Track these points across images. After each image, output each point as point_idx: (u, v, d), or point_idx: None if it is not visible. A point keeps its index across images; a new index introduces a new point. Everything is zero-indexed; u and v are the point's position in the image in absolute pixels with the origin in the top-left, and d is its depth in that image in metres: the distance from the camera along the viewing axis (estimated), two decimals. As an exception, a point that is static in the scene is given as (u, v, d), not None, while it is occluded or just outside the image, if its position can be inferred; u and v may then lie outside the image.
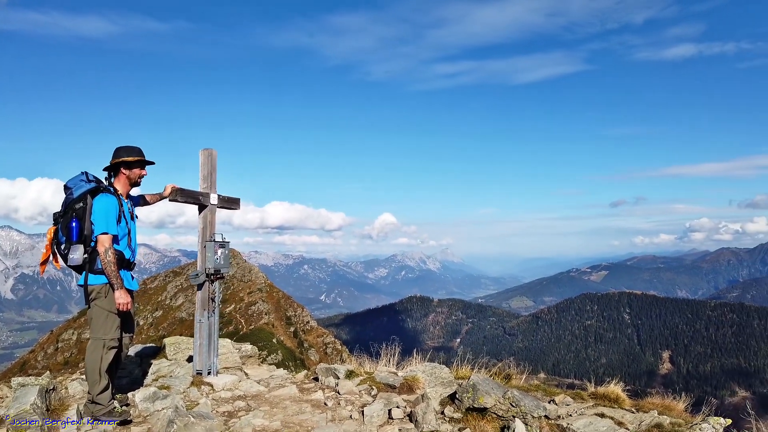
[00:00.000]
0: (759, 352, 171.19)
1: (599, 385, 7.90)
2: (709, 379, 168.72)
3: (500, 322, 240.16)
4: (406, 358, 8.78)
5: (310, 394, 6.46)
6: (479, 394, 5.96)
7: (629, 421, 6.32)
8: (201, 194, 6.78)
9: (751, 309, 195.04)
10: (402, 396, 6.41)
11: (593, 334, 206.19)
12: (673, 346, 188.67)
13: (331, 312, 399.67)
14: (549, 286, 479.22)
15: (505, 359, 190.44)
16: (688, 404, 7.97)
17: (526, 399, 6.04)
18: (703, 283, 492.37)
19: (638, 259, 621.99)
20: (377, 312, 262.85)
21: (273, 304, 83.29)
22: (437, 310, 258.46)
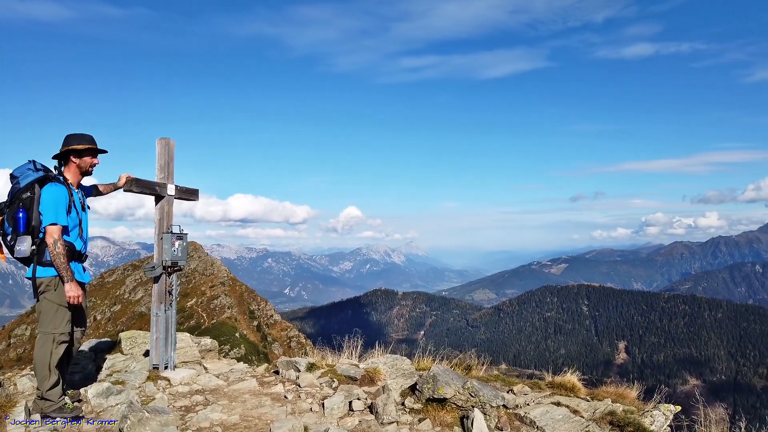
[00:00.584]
0: (709, 342, 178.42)
1: (556, 375, 8.11)
2: (662, 368, 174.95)
3: (463, 315, 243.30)
4: (369, 350, 8.81)
5: (270, 387, 6.40)
6: (439, 385, 6.01)
7: (584, 409, 6.50)
8: (157, 185, 6.60)
9: (702, 300, 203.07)
10: (363, 388, 6.41)
11: (553, 325, 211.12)
12: (629, 337, 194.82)
13: (296, 305, 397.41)
14: (511, 278, 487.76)
15: (467, 351, 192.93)
16: (640, 392, 8.26)
17: (485, 389, 6.13)
18: (657, 275, 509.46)
19: (596, 252, 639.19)
20: (342, 305, 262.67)
21: (236, 298, 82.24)
22: (402, 302, 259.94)
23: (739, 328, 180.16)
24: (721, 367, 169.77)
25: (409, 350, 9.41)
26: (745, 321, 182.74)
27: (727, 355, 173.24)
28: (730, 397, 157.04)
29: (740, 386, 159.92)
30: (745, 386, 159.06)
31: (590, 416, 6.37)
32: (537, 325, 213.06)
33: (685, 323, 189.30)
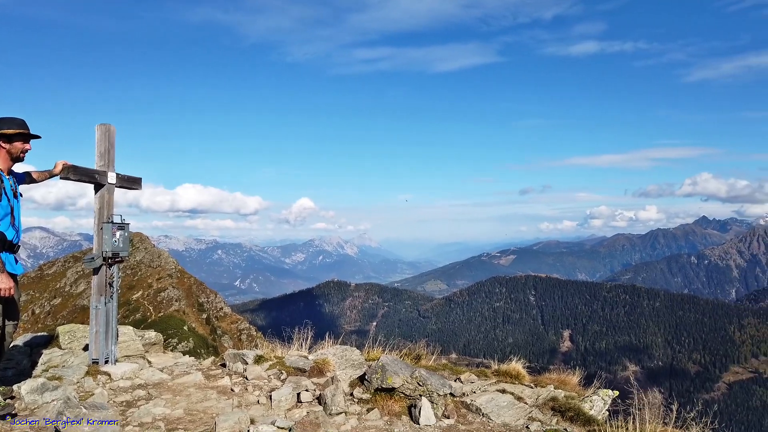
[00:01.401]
0: (647, 330, 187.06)
1: (502, 363, 8.32)
2: (604, 356, 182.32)
3: (415, 305, 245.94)
4: (319, 342, 8.79)
5: (216, 380, 6.29)
6: (388, 375, 6.06)
7: (528, 396, 6.70)
8: (97, 172, 6.34)
9: (642, 290, 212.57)
10: (312, 379, 6.39)
11: (501, 315, 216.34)
12: (573, 326, 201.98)
13: (247, 298, 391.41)
14: (462, 270, 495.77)
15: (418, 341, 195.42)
16: (581, 379, 8.58)
17: (433, 378, 6.22)
18: (600, 266, 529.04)
19: (543, 244, 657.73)
20: (294, 297, 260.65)
21: (184, 291, 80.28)
22: (354, 294, 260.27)
23: (675, 316, 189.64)
24: (659, 354, 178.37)
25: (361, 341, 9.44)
26: (680, 310, 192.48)
27: (664, 342, 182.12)
28: (667, 382, 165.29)
29: (676, 371, 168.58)
30: (680, 371, 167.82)
31: (533, 402, 6.57)
32: (486, 315, 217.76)
33: (626, 312, 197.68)
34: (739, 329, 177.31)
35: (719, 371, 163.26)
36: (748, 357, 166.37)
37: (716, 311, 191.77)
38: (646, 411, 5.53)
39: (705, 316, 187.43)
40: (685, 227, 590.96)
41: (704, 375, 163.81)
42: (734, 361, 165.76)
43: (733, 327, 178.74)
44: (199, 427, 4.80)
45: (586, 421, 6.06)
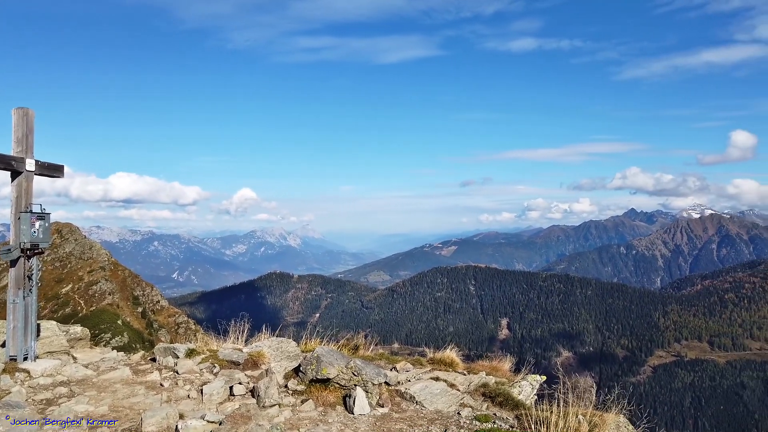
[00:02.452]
0: (580, 317, 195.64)
1: (437, 352, 8.51)
2: (539, 342, 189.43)
3: (358, 296, 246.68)
4: (257, 334, 8.69)
5: (145, 375, 6.10)
6: (323, 366, 6.07)
7: (460, 383, 6.89)
8: (14, 159, 5.98)
9: (575, 279, 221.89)
10: (246, 372, 6.32)
11: (443, 304, 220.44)
12: (511, 314, 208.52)
13: (185, 290, 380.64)
14: (405, 260, 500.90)
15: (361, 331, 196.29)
16: (513, 365, 8.90)
17: (368, 368, 6.29)
18: (537, 256, 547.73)
19: (483, 235, 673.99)
20: (235, 289, 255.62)
21: (118, 284, 77.32)
22: (297, 286, 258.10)
23: (605, 304, 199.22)
24: (590, 340, 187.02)
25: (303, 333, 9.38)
26: (610, 297, 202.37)
27: (595, 328, 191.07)
28: (597, 366, 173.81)
29: (606, 356, 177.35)
30: (610, 356, 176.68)
31: (465, 389, 6.77)
32: (428, 305, 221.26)
33: (560, 300, 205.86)
34: (663, 316, 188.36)
35: (645, 355, 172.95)
36: (672, 341, 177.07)
37: (643, 299, 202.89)
38: (570, 395, 5.80)
39: (632, 304, 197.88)
40: (615, 219, 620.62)
41: (631, 359, 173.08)
42: (659, 346, 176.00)
43: (657, 314, 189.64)
44: (124, 423, 4.66)
45: (515, 406, 6.30)
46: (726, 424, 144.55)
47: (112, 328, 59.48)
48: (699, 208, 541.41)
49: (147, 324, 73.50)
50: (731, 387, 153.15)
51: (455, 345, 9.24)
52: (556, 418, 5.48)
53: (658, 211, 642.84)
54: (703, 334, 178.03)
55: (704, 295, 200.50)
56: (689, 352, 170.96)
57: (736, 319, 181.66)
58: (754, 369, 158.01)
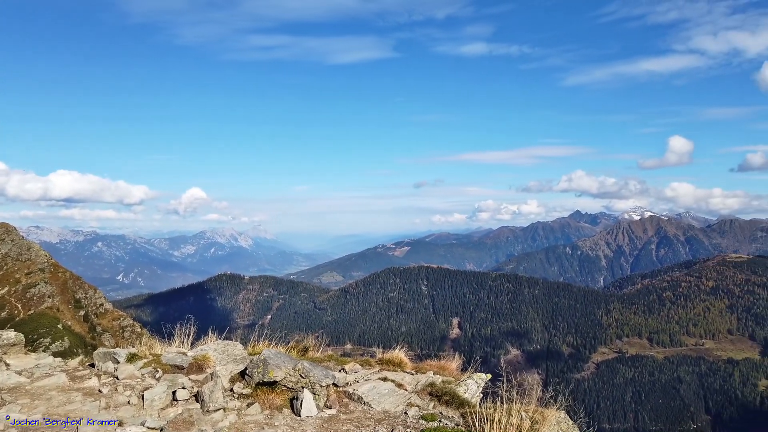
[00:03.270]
0: (528, 316, 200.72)
1: (386, 352, 8.57)
2: (489, 341, 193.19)
3: (311, 297, 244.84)
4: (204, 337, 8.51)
5: (82, 381, 5.89)
6: (270, 368, 6.02)
7: (408, 383, 6.98)
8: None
9: (523, 279, 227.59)
10: (190, 376, 6.19)
11: (395, 305, 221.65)
12: (462, 313, 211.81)
13: (131, 293, 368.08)
14: (358, 261, 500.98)
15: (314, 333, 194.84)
16: (460, 364, 9.06)
17: (316, 369, 6.28)
18: (487, 257, 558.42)
19: (436, 236, 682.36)
20: (183, 291, 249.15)
21: (58, 286, 74.08)
22: (248, 287, 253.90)
23: (552, 303, 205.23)
24: (537, 338, 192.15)
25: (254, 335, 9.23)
26: (556, 297, 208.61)
27: (542, 327, 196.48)
28: (544, 363, 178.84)
29: (552, 354, 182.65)
30: (556, 353, 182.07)
31: (413, 389, 6.86)
32: (381, 305, 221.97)
33: (509, 300, 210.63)
34: (606, 314, 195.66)
35: (589, 352, 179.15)
36: (614, 338, 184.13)
37: (587, 298, 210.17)
38: (514, 392, 5.97)
39: (577, 303, 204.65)
40: (561, 220, 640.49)
41: (576, 356, 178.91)
42: (602, 343, 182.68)
43: (601, 312, 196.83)
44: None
45: (460, 404, 6.43)
46: (664, 417, 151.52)
47: (51, 333, 56.91)
48: (639, 210, 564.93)
49: (90, 328, 70.83)
50: (669, 381, 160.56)
51: (407, 345, 9.34)
52: (499, 416, 5.63)
53: (601, 213, 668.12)
54: (643, 331, 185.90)
55: (644, 293, 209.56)
56: (630, 348, 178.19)
57: (674, 317, 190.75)
58: (690, 364, 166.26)
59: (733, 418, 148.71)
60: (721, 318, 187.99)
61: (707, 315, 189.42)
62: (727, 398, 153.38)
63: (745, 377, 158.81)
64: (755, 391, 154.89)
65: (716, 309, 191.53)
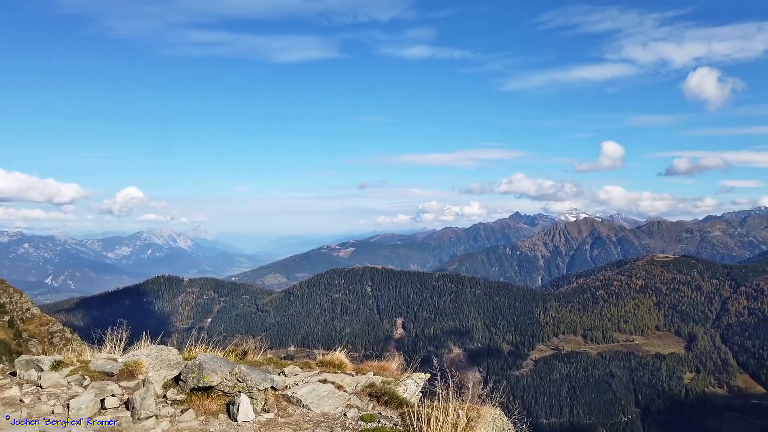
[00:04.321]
0: (470, 315, 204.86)
1: (326, 354, 8.54)
2: (432, 340, 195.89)
3: (253, 300, 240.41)
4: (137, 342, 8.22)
5: (2, 391, 5.57)
6: (205, 373, 5.88)
7: (348, 384, 6.99)
8: None
9: (465, 279, 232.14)
10: (121, 383, 5.97)
11: (340, 306, 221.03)
12: (406, 313, 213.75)
13: (61, 296, 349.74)
14: (302, 262, 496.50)
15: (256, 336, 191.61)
16: (401, 364, 9.15)
17: (254, 373, 6.18)
18: (430, 257, 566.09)
19: (380, 236, 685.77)
20: (118, 294, 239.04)
21: (-22, 290, 69.55)
22: (188, 290, 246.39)
23: (493, 302, 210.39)
24: (479, 336, 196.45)
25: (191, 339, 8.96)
26: (497, 296, 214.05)
27: (483, 325, 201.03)
28: (485, 361, 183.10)
29: (492, 352, 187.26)
30: (496, 351, 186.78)
31: (353, 390, 6.87)
32: (325, 307, 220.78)
33: (452, 299, 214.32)
34: (544, 312, 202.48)
35: (527, 350, 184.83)
36: (551, 336, 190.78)
37: (526, 297, 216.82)
38: (451, 390, 6.10)
39: (517, 301, 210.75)
40: (501, 222, 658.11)
41: (515, 353, 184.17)
42: (539, 340, 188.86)
43: (539, 310, 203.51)
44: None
45: (399, 404, 6.50)
46: (597, 410, 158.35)
47: (-30, 341, 53.40)
48: (575, 212, 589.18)
49: (15, 334, 66.91)
50: (602, 376, 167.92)
51: (352, 346, 9.40)
52: (436, 414, 5.73)
53: (539, 215, 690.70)
54: (578, 329, 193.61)
55: (579, 292, 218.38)
56: (566, 345, 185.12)
57: (606, 314, 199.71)
58: (621, 359, 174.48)
59: (660, 410, 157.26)
60: (650, 315, 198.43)
61: (637, 312, 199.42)
62: (655, 391, 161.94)
63: (671, 371, 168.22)
64: (680, 384, 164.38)
65: (645, 306, 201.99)
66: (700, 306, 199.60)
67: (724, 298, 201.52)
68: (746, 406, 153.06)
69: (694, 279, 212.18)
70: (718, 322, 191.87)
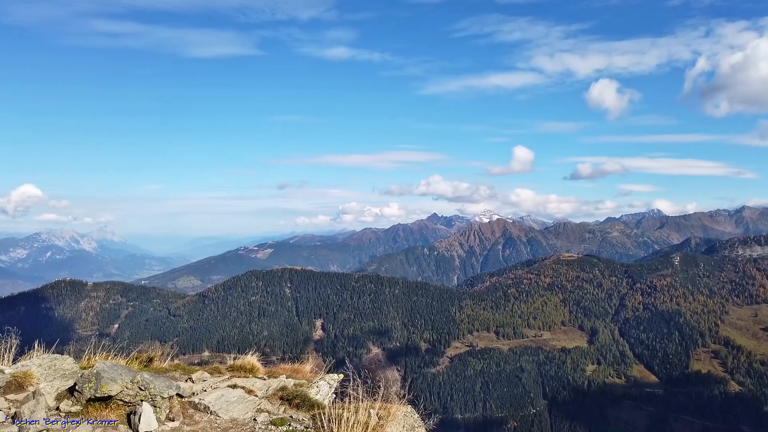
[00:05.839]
0: (389, 315, 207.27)
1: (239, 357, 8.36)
2: (352, 341, 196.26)
3: (165, 304, 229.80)
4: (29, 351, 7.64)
5: None
6: (104, 382, 5.58)
7: (259, 388, 6.87)
8: None
9: (385, 279, 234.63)
10: (8, 396, 5.54)
11: (257, 308, 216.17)
12: (325, 315, 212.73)
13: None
14: (218, 264, 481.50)
15: (167, 341, 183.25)
16: (315, 365, 9.12)
17: (158, 380, 5.93)
18: (350, 258, 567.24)
19: (300, 237, 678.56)
20: (13, 300, 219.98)
21: None
22: (92, 294, 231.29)
23: (411, 301, 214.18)
24: (397, 336, 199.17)
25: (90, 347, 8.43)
26: (415, 295, 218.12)
27: (402, 325, 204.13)
28: (403, 360, 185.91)
29: (411, 350, 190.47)
30: (414, 350, 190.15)
31: (264, 394, 6.77)
32: (242, 310, 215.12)
33: (371, 300, 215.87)
34: (459, 310, 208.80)
35: (444, 347, 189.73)
36: (466, 333, 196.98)
37: (442, 295, 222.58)
38: (361, 390, 6.17)
39: (434, 300, 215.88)
40: (420, 223, 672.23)
41: (432, 351, 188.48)
42: (455, 338, 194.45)
43: (454, 308, 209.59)
44: None
45: (311, 406, 6.48)
46: (508, 404, 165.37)
47: None
48: (488, 213, 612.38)
49: None
50: (512, 371, 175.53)
51: (270, 349, 9.37)
52: (347, 414, 5.77)
53: (455, 216, 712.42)
54: (491, 326, 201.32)
55: (492, 290, 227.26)
56: (480, 342, 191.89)
57: (517, 311, 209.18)
58: (530, 354, 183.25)
59: (566, 401, 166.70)
60: (556, 311, 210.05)
61: (545, 309, 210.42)
62: (561, 383, 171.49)
63: (575, 364, 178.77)
64: (584, 375, 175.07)
65: (552, 303, 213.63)
66: (601, 302, 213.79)
67: (622, 294, 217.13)
68: (641, 394, 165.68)
69: (595, 277, 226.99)
70: (617, 317, 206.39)
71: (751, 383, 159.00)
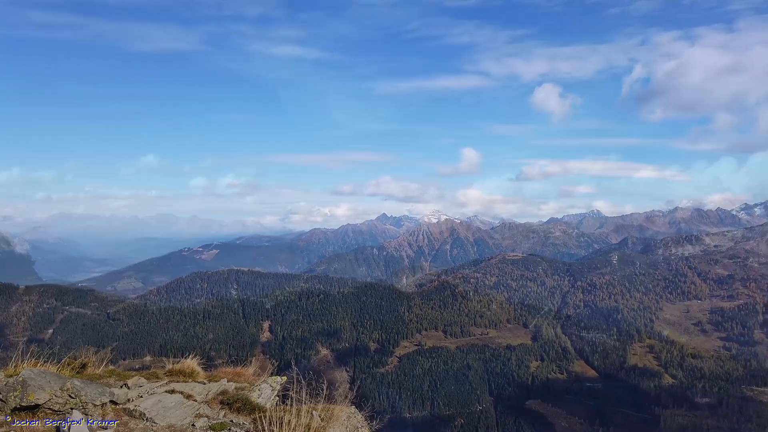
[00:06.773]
0: (338, 315, 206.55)
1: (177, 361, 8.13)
2: (300, 342, 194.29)
3: (103, 307, 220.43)
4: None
5: None
6: (30, 390, 5.31)
7: (198, 393, 6.70)
8: None
9: (334, 280, 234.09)
10: None
11: (202, 311, 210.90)
12: (273, 316, 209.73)
13: None
14: (160, 266, 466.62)
15: (107, 346, 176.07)
16: (258, 368, 8.99)
17: (90, 387, 5.70)
18: (299, 259, 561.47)
19: (247, 238, 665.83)
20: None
21: None
22: (24, 298, 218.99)
23: (360, 301, 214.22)
24: (347, 336, 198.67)
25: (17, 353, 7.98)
26: (364, 296, 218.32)
27: (351, 325, 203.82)
28: (352, 360, 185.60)
29: (360, 350, 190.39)
30: (363, 350, 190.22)
31: (204, 399, 6.61)
32: (186, 313, 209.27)
33: (320, 300, 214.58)
34: (408, 310, 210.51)
35: (393, 347, 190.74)
36: (414, 332, 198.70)
37: (392, 295, 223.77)
38: (303, 392, 6.13)
39: (383, 300, 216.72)
40: (369, 223, 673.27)
41: (381, 351, 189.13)
42: (404, 337, 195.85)
43: (403, 308, 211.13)
44: None
45: (252, 410, 6.38)
46: (456, 401, 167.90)
47: None
48: (437, 214, 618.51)
49: None
50: (460, 369, 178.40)
51: (215, 352, 9.11)
52: (289, 417, 5.72)
53: (405, 216, 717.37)
54: (438, 324, 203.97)
55: (440, 289, 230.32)
56: (428, 340, 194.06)
57: (464, 310, 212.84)
58: (477, 352, 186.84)
59: (511, 397, 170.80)
60: (502, 309, 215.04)
61: (491, 307, 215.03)
62: (506, 380, 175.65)
63: (520, 360, 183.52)
64: (528, 372, 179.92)
65: (498, 301, 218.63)
66: (544, 300, 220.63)
67: (564, 292, 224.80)
68: (582, 389, 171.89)
69: (539, 275, 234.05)
70: (559, 314, 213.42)
71: (683, 376, 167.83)
